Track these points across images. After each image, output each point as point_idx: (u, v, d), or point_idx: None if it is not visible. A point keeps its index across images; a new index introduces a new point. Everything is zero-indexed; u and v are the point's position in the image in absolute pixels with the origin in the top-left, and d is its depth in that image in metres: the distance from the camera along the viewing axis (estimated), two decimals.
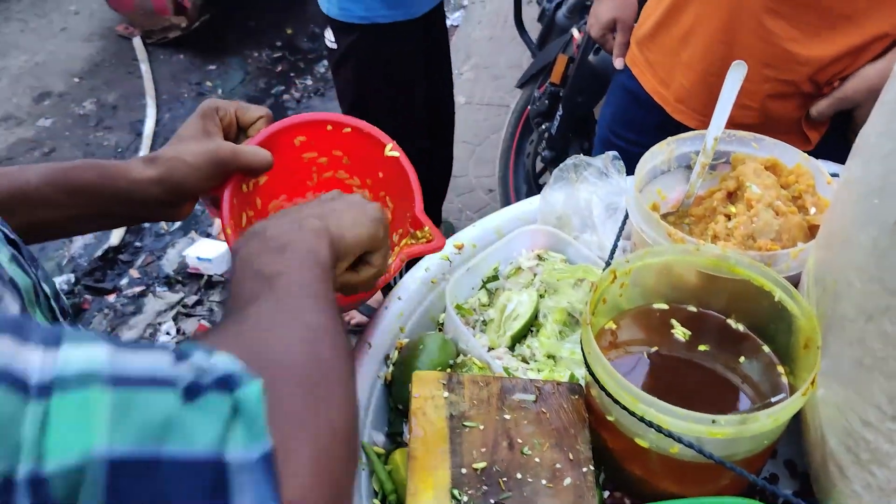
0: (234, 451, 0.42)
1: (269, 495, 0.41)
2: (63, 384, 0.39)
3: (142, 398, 0.41)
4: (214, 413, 0.42)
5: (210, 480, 0.40)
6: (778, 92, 1.45)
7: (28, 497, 0.36)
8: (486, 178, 3.47)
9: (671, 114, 1.60)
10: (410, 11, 2.25)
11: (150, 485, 0.39)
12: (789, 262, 0.99)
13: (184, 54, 4.76)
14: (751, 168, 1.11)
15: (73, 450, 0.38)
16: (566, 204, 1.23)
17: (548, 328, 1.14)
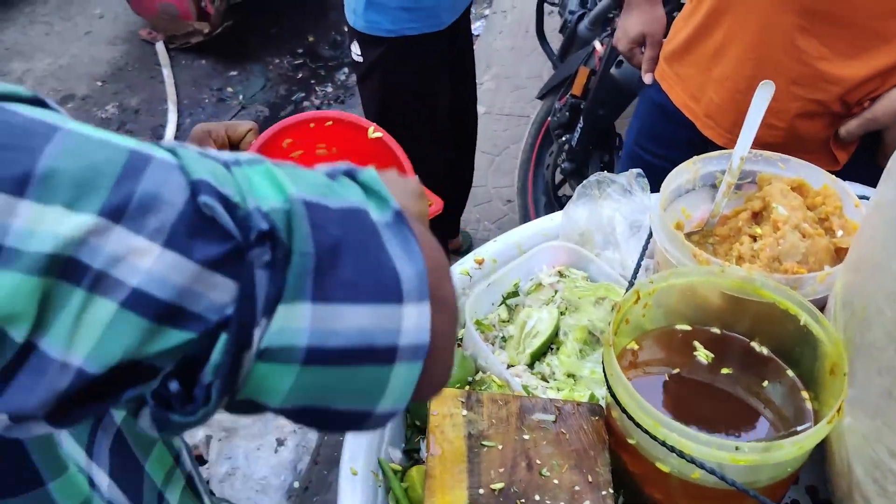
0: (373, 213, 0.50)
1: (410, 238, 0.50)
2: (243, 161, 0.48)
3: (300, 172, 0.50)
4: (351, 187, 0.52)
5: (367, 224, 0.49)
6: (807, 111, 1.43)
7: (260, 218, 0.44)
8: (504, 189, 3.46)
9: (700, 129, 1.59)
10: (437, 22, 2.24)
11: (330, 221, 0.47)
12: (816, 285, 0.98)
13: (206, 60, 4.78)
14: (777, 189, 1.09)
15: (277, 196, 0.46)
16: (589, 220, 1.22)
17: (568, 346, 1.13)
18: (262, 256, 0.44)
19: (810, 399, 0.94)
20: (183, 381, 0.44)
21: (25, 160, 0.40)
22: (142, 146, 0.44)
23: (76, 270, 0.40)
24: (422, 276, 0.49)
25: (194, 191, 0.43)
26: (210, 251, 0.42)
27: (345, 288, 0.46)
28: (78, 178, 0.40)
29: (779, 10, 1.37)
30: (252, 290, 0.43)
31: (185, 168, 0.44)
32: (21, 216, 0.39)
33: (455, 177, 2.83)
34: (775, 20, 1.38)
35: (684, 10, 1.67)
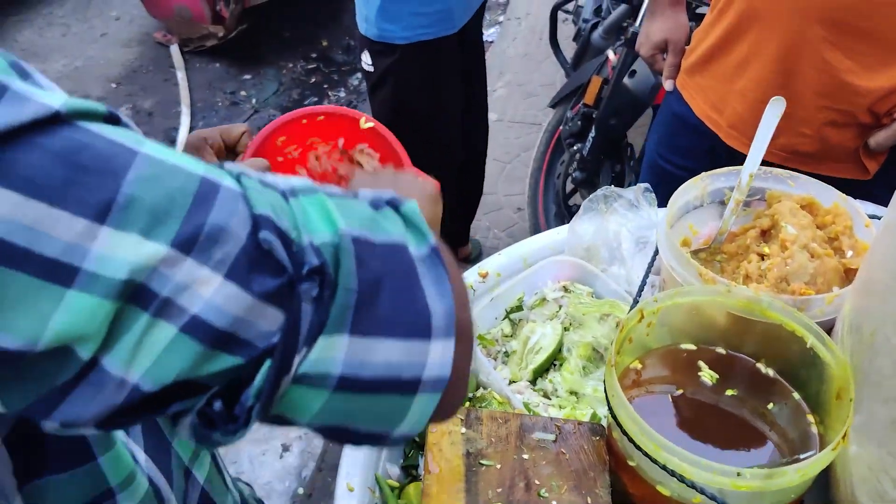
0: (412, 247, 0.53)
1: (443, 276, 0.53)
2: (298, 191, 0.50)
3: (349, 203, 0.52)
4: (393, 220, 0.54)
5: (406, 261, 0.52)
6: (835, 121, 1.42)
7: (313, 254, 0.47)
8: (515, 197, 3.45)
9: (724, 139, 1.58)
10: (450, 25, 2.24)
11: (374, 256, 0.50)
12: (824, 307, 0.96)
13: (219, 63, 4.80)
14: (786, 207, 1.08)
15: (328, 230, 0.49)
16: (595, 235, 1.20)
17: (571, 363, 1.11)
18: (311, 291, 0.47)
19: (816, 423, 0.93)
20: (225, 401, 0.47)
21: (109, 186, 0.42)
22: (211, 171, 0.47)
23: (145, 296, 0.43)
24: (450, 314, 0.52)
25: (256, 225, 0.46)
26: (266, 284, 0.46)
27: (380, 323, 0.49)
28: (154, 208, 0.43)
29: (805, 24, 1.36)
30: (298, 321, 0.47)
31: (249, 200, 0.47)
32: (100, 241, 0.41)
33: (465, 185, 2.82)
34: (802, 34, 1.37)
35: (705, 22, 1.65)
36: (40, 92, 0.43)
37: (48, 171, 0.41)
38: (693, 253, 1.15)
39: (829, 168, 1.49)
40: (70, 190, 0.41)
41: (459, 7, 2.22)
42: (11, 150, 0.40)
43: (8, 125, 0.40)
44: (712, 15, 1.60)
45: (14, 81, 0.42)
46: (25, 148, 0.41)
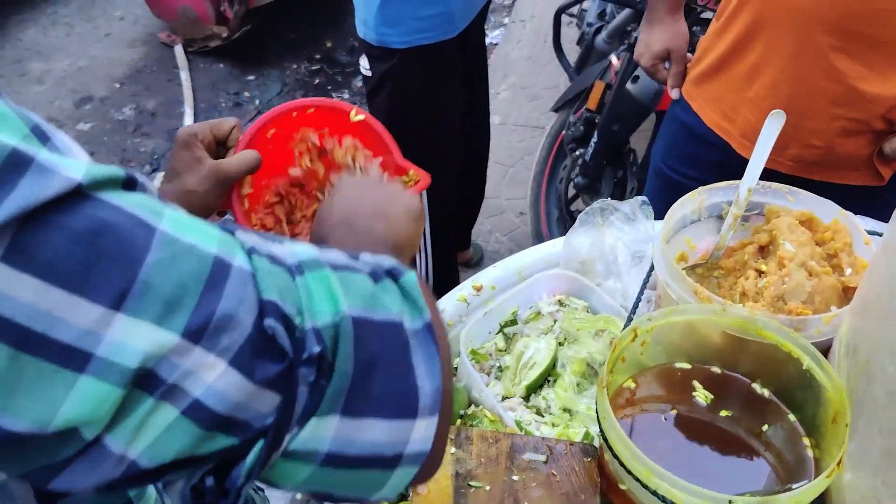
0: (407, 321, 0.55)
1: (434, 354, 0.55)
2: (305, 267, 0.52)
3: (351, 278, 0.54)
4: (392, 293, 0.56)
5: (401, 338, 0.54)
6: (848, 129, 1.40)
7: (314, 340, 0.49)
8: (517, 201, 3.43)
9: (736, 149, 1.56)
10: (449, 29, 2.21)
11: (371, 337, 0.52)
12: (821, 327, 0.94)
13: (223, 63, 4.79)
14: (785, 223, 1.06)
15: (331, 310, 0.51)
16: (591, 249, 1.19)
17: (565, 379, 1.09)
18: (309, 376, 0.49)
19: (812, 447, 0.91)
20: (217, 476, 0.49)
21: (126, 273, 0.43)
22: (224, 247, 0.48)
23: (153, 382, 0.44)
24: (437, 392, 0.55)
25: (262, 311, 0.48)
26: (267, 371, 0.47)
27: (371, 404, 0.52)
28: (168, 295, 0.44)
29: (813, 32, 1.34)
30: (293, 404, 0.49)
31: (258, 282, 0.48)
32: (115, 328, 0.43)
33: (467, 189, 2.80)
34: (810, 41, 1.35)
35: (710, 31, 1.63)
36: (63, 162, 0.43)
37: (69, 255, 0.42)
38: (690, 268, 1.14)
39: (841, 176, 1.47)
40: (89, 276, 0.42)
41: (460, 10, 2.19)
42: (35, 232, 0.41)
43: (33, 203, 0.41)
44: (718, 24, 1.59)
45: (39, 151, 0.43)
46: (48, 229, 0.41)
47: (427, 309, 0.57)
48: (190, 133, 1.00)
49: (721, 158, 1.61)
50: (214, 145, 1.04)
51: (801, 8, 1.34)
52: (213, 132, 1.03)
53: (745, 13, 1.47)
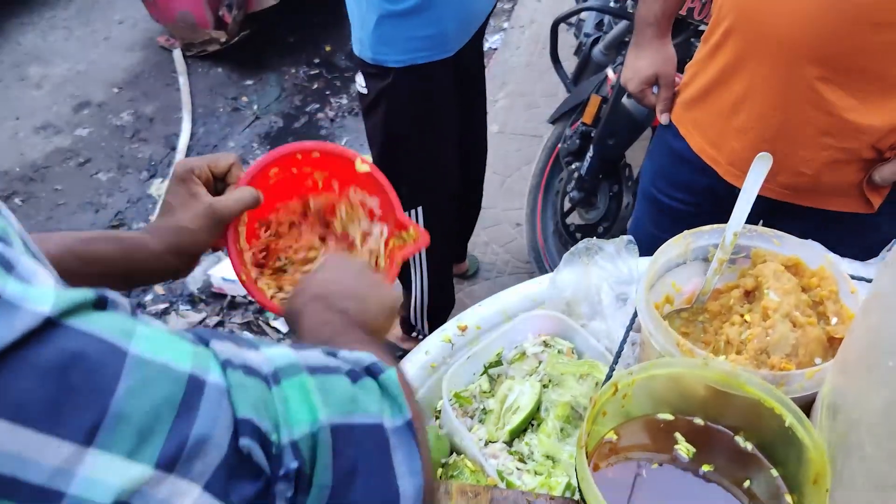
0: (387, 420, 0.55)
1: (415, 452, 0.55)
2: (281, 375, 0.52)
3: (329, 381, 0.54)
4: (372, 392, 0.56)
5: (381, 440, 0.54)
6: (837, 159, 1.40)
7: (291, 455, 0.48)
8: (514, 212, 3.41)
9: (723, 176, 1.55)
10: (443, 50, 2.20)
11: (350, 443, 0.52)
12: (804, 382, 0.93)
13: (222, 68, 4.78)
14: (770, 269, 1.05)
15: (308, 419, 0.50)
16: (576, 289, 1.18)
17: (548, 425, 1.09)
18: (286, 492, 0.48)
19: (794, 503, 0.90)
20: None
21: (97, 406, 0.42)
22: (198, 363, 0.48)
23: None
24: (419, 493, 0.55)
25: (237, 430, 0.47)
26: (244, 492, 0.47)
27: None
28: (140, 425, 0.43)
29: (799, 63, 1.33)
30: None
31: (233, 399, 0.48)
32: (87, 464, 0.41)
33: (463, 202, 2.79)
34: (797, 73, 1.34)
35: (698, 56, 1.62)
36: (29, 293, 0.42)
37: (38, 393, 0.41)
38: (675, 312, 1.13)
39: (831, 203, 1.46)
40: (59, 413, 0.41)
41: (454, 32, 2.18)
42: (2, 373, 0.40)
43: (0, 345, 0.40)
44: (705, 49, 1.57)
45: (5, 285, 0.42)
46: (15, 368, 0.40)
47: (406, 405, 0.57)
48: (187, 168, 0.99)
49: (710, 184, 1.60)
50: (212, 181, 1.03)
51: (786, 40, 1.33)
52: (211, 168, 1.01)
53: (731, 43, 1.46)
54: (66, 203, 3.82)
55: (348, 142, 4.24)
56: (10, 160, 4.07)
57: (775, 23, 1.34)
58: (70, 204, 3.82)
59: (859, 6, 1.24)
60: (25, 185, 3.92)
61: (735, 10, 1.45)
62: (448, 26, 2.14)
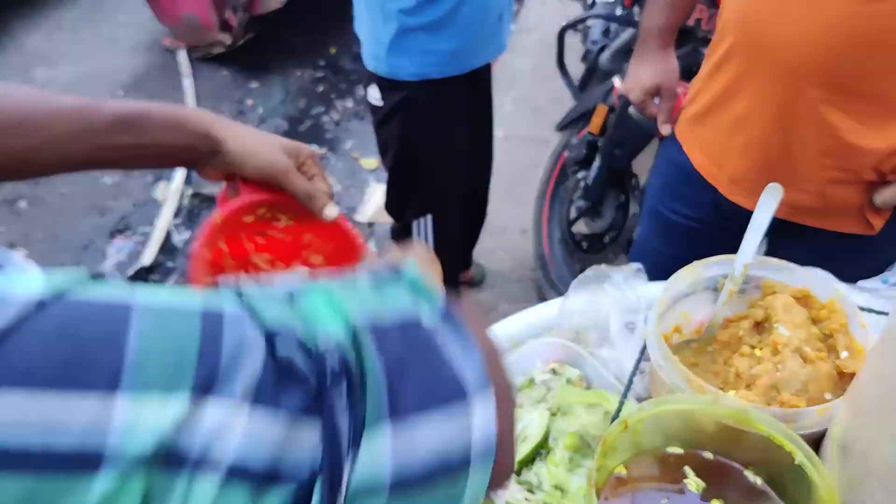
0: (424, 315, 0.52)
1: (461, 333, 0.51)
2: (300, 291, 0.50)
3: (352, 285, 0.52)
4: (399, 290, 0.53)
5: (423, 333, 0.51)
6: (838, 179, 1.40)
7: (335, 360, 0.45)
8: (520, 219, 3.41)
9: (725, 194, 1.55)
10: (463, 66, 2.21)
11: (392, 341, 0.49)
12: (815, 418, 0.93)
13: (227, 70, 4.78)
14: (780, 302, 1.05)
15: (341, 325, 0.48)
16: (584, 317, 1.18)
17: (557, 455, 1.08)
18: (340, 396, 0.45)
19: None
20: None
21: (113, 351, 0.40)
22: (209, 302, 0.45)
23: (178, 460, 0.40)
24: (480, 369, 0.51)
25: (270, 343, 0.44)
26: (295, 400, 0.43)
27: (416, 399, 0.47)
28: (165, 359, 0.41)
29: (801, 85, 1.33)
30: (335, 427, 0.44)
31: (258, 317, 0.45)
32: (119, 414, 0.38)
33: (469, 213, 2.79)
34: (799, 94, 1.34)
35: (702, 73, 1.62)
36: (17, 282, 0.40)
37: (47, 356, 0.38)
38: (685, 343, 1.13)
39: (833, 223, 1.47)
40: (75, 367, 0.38)
41: (472, 51, 2.19)
42: (4, 348, 0.37)
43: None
44: (708, 66, 1.57)
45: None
46: (18, 340, 0.38)
47: (439, 297, 0.54)
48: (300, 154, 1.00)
49: (714, 199, 1.60)
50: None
51: (788, 62, 1.33)
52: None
53: (734, 62, 1.46)
54: (72, 207, 3.83)
55: (353, 145, 4.24)
56: None
57: (777, 44, 1.34)
58: (75, 208, 3.82)
59: (861, 29, 1.24)
60: (31, 188, 3.92)
61: (737, 30, 1.44)
62: (466, 44, 2.14)
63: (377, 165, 4.04)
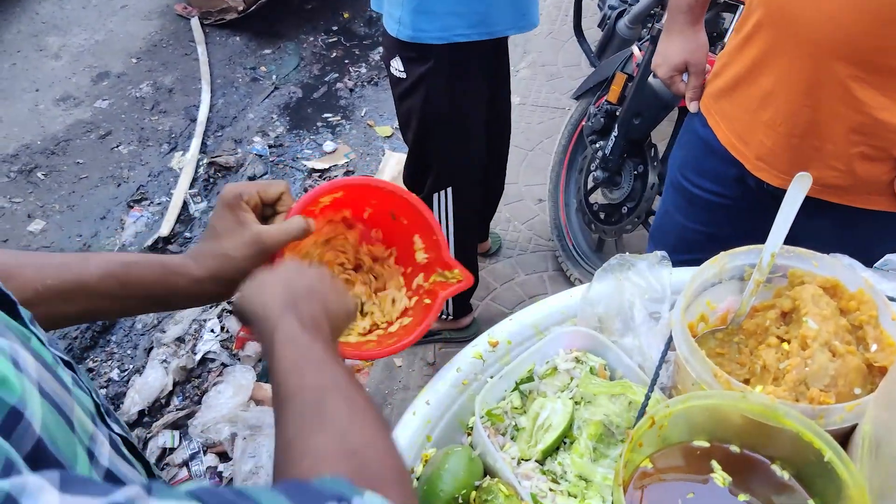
0: None
1: None
2: None
3: None
4: None
5: None
6: (867, 155, 1.38)
7: None
8: (536, 187, 3.39)
9: (752, 171, 1.53)
10: (489, 31, 2.17)
11: None
12: (844, 414, 0.92)
13: (240, 37, 4.74)
14: (809, 293, 1.03)
15: None
16: (608, 306, 1.17)
17: (581, 445, 1.08)
18: None
19: None
20: None
21: None
22: None
23: None
24: None
25: None
26: None
27: None
28: None
29: (830, 62, 1.30)
30: None
31: None
32: None
33: (487, 185, 2.77)
34: (827, 70, 1.31)
35: (729, 46, 1.59)
36: None
37: None
38: (710, 333, 1.12)
39: (861, 200, 1.44)
40: None
41: (499, 15, 2.15)
42: None
43: None
44: (736, 40, 1.54)
45: None
46: None
47: None
48: (235, 194, 0.96)
49: (739, 174, 1.58)
50: (261, 207, 1.01)
51: (816, 38, 1.30)
52: (261, 194, 0.99)
53: (761, 36, 1.43)
54: (88, 177, 3.83)
55: (368, 112, 4.21)
56: (31, 133, 4.07)
57: (805, 20, 1.31)
58: (92, 177, 3.83)
59: (890, 5, 1.21)
60: (47, 158, 3.93)
61: (765, 4, 1.41)
62: (492, 7, 2.11)
63: (391, 133, 4.01)
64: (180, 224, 3.58)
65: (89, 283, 0.91)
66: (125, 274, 0.93)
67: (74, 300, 0.90)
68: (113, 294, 0.93)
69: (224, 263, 0.95)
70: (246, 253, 0.95)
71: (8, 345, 0.53)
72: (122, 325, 3.14)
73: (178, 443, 2.72)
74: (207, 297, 0.99)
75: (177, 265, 0.96)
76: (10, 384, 0.50)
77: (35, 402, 0.53)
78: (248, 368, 2.87)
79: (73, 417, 0.59)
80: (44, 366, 0.58)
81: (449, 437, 1.13)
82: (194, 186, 3.75)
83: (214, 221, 0.98)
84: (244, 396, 2.77)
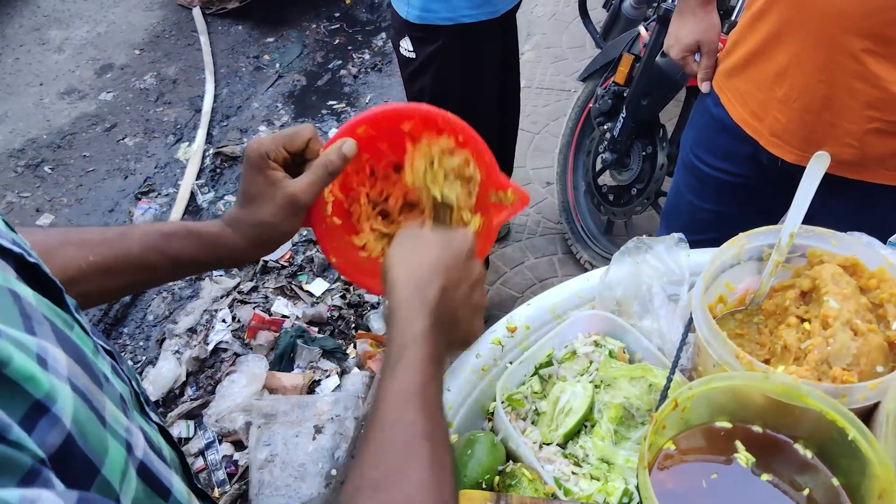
0: None
1: None
2: None
3: None
4: None
5: None
6: (883, 130, 1.37)
7: None
8: (544, 170, 3.38)
9: (766, 147, 1.53)
10: (494, 10, 2.19)
11: None
12: (866, 392, 0.92)
13: (242, 25, 4.72)
14: (829, 272, 1.03)
15: None
16: (627, 288, 1.17)
17: (602, 428, 1.09)
18: None
19: None
20: None
21: None
22: None
23: None
24: None
25: None
26: None
27: None
28: None
29: (845, 36, 1.30)
30: None
31: None
32: None
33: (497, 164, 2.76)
34: (842, 45, 1.31)
35: (741, 23, 1.58)
36: None
37: None
38: (730, 314, 1.12)
39: (876, 175, 1.44)
40: None
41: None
42: None
43: None
44: (748, 17, 1.53)
45: None
46: None
47: None
48: (260, 154, 0.91)
49: (752, 152, 1.58)
50: (290, 160, 0.94)
51: (830, 14, 1.30)
52: (287, 147, 0.93)
53: (775, 12, 1.42)
54: (95, 170, 3.84)
55: (372, 98, 4.20)
56: (37, 127, 4.07)
57: None
58: (99, 170, 3.83)
59: None
60: (54, 152, 3.93)
61: None
62: None
63: None
64: (188, 215, 3.58)
65: (131, 258, 0.90)
66: (167, 246, 0.92)
67: (118, 275, 0.90)
68: (155, 266, 0.92)
69: (263, 231, 0.93)
70: (284, 216, 0.92)
71: (35, 342, 0.53)
72: (134, 317, 3.15)
73: (194, 433, 2.74)
74: (253, 259, 0.99)
75: (216, 235, 0.94)
76: (37, 380, 0.50)
77: (66, 398, 0.53)
78: (260, 357, 2.88)
79: (106, 413, 0.59)
80: (79, 359, 0.58)
81: (470, 423, 1.14)
82: (201, 177, 3.75)
83: (245, 186, 0.94)
84: (258, 385, 2.78)
